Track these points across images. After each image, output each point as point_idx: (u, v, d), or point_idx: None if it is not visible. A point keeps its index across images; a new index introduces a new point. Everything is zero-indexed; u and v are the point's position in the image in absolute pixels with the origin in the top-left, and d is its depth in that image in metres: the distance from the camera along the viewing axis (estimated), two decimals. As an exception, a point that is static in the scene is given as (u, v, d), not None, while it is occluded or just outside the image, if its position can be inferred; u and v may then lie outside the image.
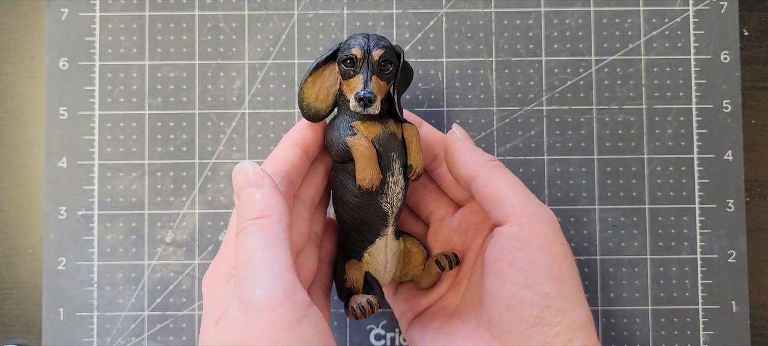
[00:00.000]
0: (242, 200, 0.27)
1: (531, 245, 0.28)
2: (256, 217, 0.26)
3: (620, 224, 0.38)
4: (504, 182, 0.30)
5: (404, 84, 0.32)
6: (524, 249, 0.28)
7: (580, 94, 0.39)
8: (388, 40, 0.30)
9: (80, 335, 0.37)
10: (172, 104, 0.39)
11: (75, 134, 0.38)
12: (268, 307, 0.23)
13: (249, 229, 0.26)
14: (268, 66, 0.39)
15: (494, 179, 0.30)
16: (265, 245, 0.25)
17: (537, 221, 0.29)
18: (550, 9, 0.39)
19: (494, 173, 0.30)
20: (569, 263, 0.29)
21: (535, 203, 0.30)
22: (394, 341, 0.38)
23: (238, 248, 0.26)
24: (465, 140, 0.32)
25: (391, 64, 0.29)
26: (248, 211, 0.26)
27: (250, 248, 0.25)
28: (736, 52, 0.39)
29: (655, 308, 0.38)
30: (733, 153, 0.38)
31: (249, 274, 0.24)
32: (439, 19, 0.39)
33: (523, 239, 0.29)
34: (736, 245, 0.38)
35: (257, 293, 0.24)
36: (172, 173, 0.38)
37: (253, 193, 0.27)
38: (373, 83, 0.29)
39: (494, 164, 0.31)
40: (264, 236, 0.25)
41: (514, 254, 0.28)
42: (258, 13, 0.39)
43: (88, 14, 0.39)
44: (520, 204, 0.29)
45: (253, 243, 0.25)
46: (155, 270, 0.38)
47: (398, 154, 0.30)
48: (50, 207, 0.38)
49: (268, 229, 0.26)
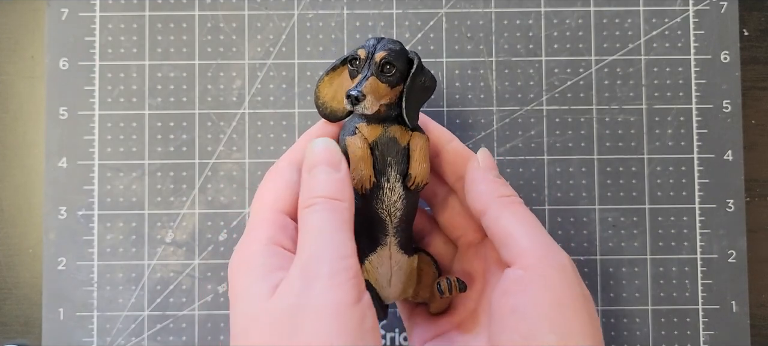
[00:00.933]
0: (316, 176, 0.27)
1: (535, 291, 0.26)
2: (331, 197, 0.27)
3: (620, 224, 0.38)
4: (514, 220, 0.28)
5: (421, 93, 0.31)
6: (527, 295, 0.26)
7: (580, 94, 0.39)
8: (401, 45, 0.30)
9: (80, 335, 0.38)
10: (172, 104, 0.39)
11: (75, 134, 0.38)
12: (334, 284, 0.24)
13: (322, 206, 0.26)
14: (268, 66, 0.39)
15: (505, 215, 0.28)
16: (336, 226, 0.26)
17: (544, 265, 0.27)
18: (550, 9, 0.39)
19: (505, 210, 0.29)
20: (582, 315, 0.26)
21: (545, 245, 0.27)
22: (394, 341, 0.38)
23: (307, 221, 0.26)
24: (486, 169, 0.30)
25: (394, 68, 0.29)
26: (322, 188, 0.27)
27: (321, 226, 0.26)
28: (736, 52, 0.39)
29: (655, 308, 0.38)
30: (733, 153, 0.38)
31: (318, 251, 0.25)
32: (439, 19, 0.39)
33: (526, 284, 0.26)
34: (736, 245, 0.38)
35: (324, 269, 0.24)
36: (172, 173, 0.38)
37: (330, 172, 0.27)
38: (369, 84, 0.28)
39: (508, 200, 0.29)
40: (337, 218, 0.26)
41: (517, 299, 0.26)
42: (258, 13, 0.39)
43: (88, 14, 0.39)
44: (529, 245, 0.27)
45: (323, 222, 0.26)
46: (155, 270, 0.38)
47: (396, 161, 0.30)
48: (50, 207, 0.38)
49: (340, 212, 0.26)
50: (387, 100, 0.30)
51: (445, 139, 0.32)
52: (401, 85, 0.30)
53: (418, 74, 0.30)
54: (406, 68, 0.30)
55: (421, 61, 0.30)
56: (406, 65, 0.30)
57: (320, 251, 0.25)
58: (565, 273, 0.27)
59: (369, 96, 0.28)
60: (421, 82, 0.30)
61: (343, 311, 0.23)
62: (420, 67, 0.30)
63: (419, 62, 0.30)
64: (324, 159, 0.28)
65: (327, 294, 0.24)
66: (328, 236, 0.26)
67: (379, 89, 0.29)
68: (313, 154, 0.28)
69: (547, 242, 0.28)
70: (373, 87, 0.29)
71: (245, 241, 0.28)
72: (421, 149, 0.30)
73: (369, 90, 0.28)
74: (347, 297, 0.24)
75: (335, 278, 0.24)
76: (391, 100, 0.30)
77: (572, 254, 0.38)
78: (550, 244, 0.28)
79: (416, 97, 0.30)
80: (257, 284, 0.25)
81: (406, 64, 0.30)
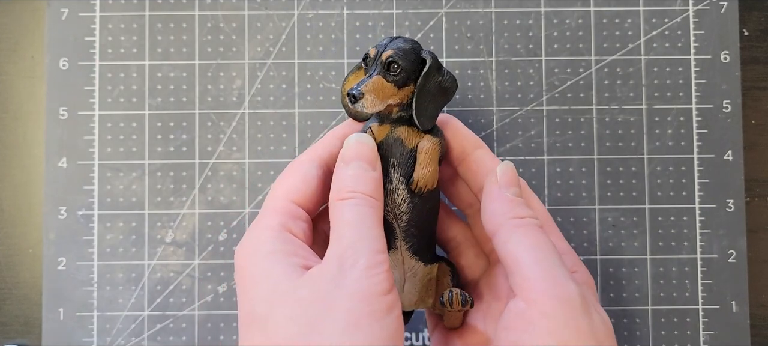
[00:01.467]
0: (354, 170, 0.28)
1: (536, 328, 0.24)
2: (368, 194, 0.27)
3: (620, 224, 0.38)
4: (523, 246, 0.26)
5: (437, 95, 0.30)
6: (528, 332, 0.25)
7: (580, 94, 0.39)
8: (412, 44, 0.29)
9: (80, 335, 0.38)
10: (172, 104, 0.39)
11: (75, 134, 0.38)
12: (370, 274, 0.24)
13: (361, 201, 0.27)
14: (268, 66, 0.39)
15: (514, 239, 0.27)
16: (374, 222, 0.26)
17: (548, 300, 0.25)
18: (550, 9, 0.39)
19: (516, 233, 0.27)
20: None
21: (553, 277, 0.25)
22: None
23: (346, 212, 0.27)
24: (503, 186, 0.28)
25: (399, 67, 0.28)
26: (361, 184, 0.27)
27: (360, 219, 0.26)
28: (736, 52, 0.39)
29: (655, 308, 0.38)
30: (733, 153, 0.38)
31: (357, 242, 0.25)
32: (439, 19, 0.39)
33: (528, 319, 0.25)
34: (736, 245, 0.38)
35: (362, 260, 0.25)
36: (172, 172, 0.38)
37: (367, 169, 0.28)
38: (371, 82, 0.28)
39: (520, 222, 0.27)
40: (374, 215, 0.27)
41: (518, 336, 0.25)
42: (258, 13, 0.39)
43: (88, 14, 0.39)
44: (535, 276, 0.25)
45: (362, 216, 0.26)
46: (155, 270, 0.38)
47: (400, 162, 0.29)
48: (50, 207, 0.38)
49: (376, 210, 0.27)
50: (396, 100, 0.29)
51: (471, 145, 0.31)
52: (412, 85, 0.29)
53: (432, 74, 0.29)
54: (418, 68, 0.29)
55: (437, 61, 0.29)
56: (416, 65, 0.29)
57: (359, 243, 0.25)
58: (571, 308, 0.25)
59: (368, 95, 0.28)
60: (436, 82, 0.29)
61: (374, 299, 0.24)
62: (433, 67, 0.29)
63: (432, 62, 0.29)
64: (362, 155, 0.28)
65: (362, 282, 0.24)
66: (367, 230, 0.26)
67: (383, 89, 0.28)
68: (350, 148, 0.28)
69: (555, 271, 0.25)
70: (376, 86, 0.28)
71: (256, 227, 0.28)
72: (426, 152, 0.29)
73: (369, 89, 0.28)
74: (380, 287, 0.24)
75: (372, 269, 0.25)
76: (402, 100, 0.29)
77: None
78: (559, 274, 0.25)
79: (430, 99, 0.29)
80: (280, 266, 0.26)
81: (416, 64, 0.29)
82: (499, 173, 0.29)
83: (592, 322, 0.25)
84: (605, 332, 0.25)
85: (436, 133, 0.30)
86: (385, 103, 0.29)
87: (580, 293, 0.25)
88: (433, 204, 0.30)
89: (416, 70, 0.29)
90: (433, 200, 0.30)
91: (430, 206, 0.30)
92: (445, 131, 0.31)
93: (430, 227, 0.31)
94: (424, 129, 0.30)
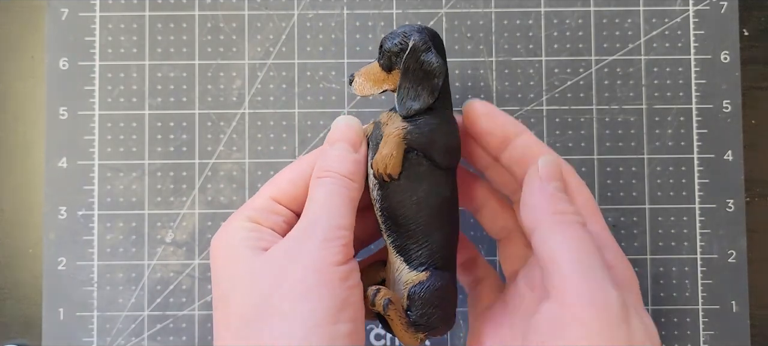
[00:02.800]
0: (334, 151, 0.28)
1: (567, 333, 0.23)
2: (343, 174, 0.27)
3: (620, 224, 0.38)
4: (563, 244, 0.24)
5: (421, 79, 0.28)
6: (559, 337, 0.23)
7: (580, 94, 0.39)
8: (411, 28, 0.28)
9: (80, 335, 0.38)
10: (172, 104, 0.39)
11: (75, 134, 0.38)
12: (324, 246, 0.25)
13: (333, 180, 0.27)
14: (268, 66, 0.39)
15: (554, 237, 0.25)
16: (341, 200, 0.27)
17: (583, 305, 0.23)
18: (550, 9, 0.39)
19: (556, 229, 0.25)
20: None
21: (591, 278, 0.23)
22: (394, 341, 0.38)
23: (316, 191, 0.27)
24: (544, 179, 0.26)
25: (382, 49, 0.28)
26: (337, 164, 0.28)
27: (327, 197, 0.27)
28: (736, 52, 0.39)
29: (655, 308, 0.38)
30: (733, 153, 0.38)
31: (318, 217, 0.26)
32: (439, 19, 0.39)
33: (560, 323, 0.23)
34: (736, 245, 0.38)
35: (319, 233, 0.26)
36: (172, 173, 0.38)
37: (349, 151, 0.28)
38: (368, 67, 0.29)
39: (562, 219, 0.25)
40: (344, 194, 0.27)
41: (547, 339, 0.24)
42: (258, 13, 0.39)
43: (88, 14, 0.39)
44: (571, 278, 0.24)
45: (330, 194, 0.27)
46: (155, 270, 0.38)
47: (371, 147, 0.29)
48: (50, 207, 0.38)
49: (349, 189, 0.27)
50: (390, 85, 0.29)
51: (513, 131, 0.29)
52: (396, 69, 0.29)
53: (412, 57, 0.28)
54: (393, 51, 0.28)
55: (427, 43, 0.28)
56: (401, 48, 0.28)
57: (320, 218, 0.26)
58: (607, 315, 0.23)
59: (358, 78, 0.29)
60: (418, 65, 0.28)
61: (327, 269, 0.25)
62: (416, 49, 0.28)
63: (414, 44, 0.28)
64: (343, 136, 0.28)
65: (315, 253, 0.25)
66: (333, 207, 0.27)
67: (374, 73, 0.29)
68: (336, 131, 0.29)
69: (594, 275, 0.24)
70: (368, 70, 0.29)
71: (229, 220, 0.29)
72: (388, 136, 0.28)
73: (361, 72, 0.29)
74: (334, 258, 0.25)
75: (327, 242, 0.25)
76: (393, 86, 0.29)
77: None
78: (598, 277, 0.24)
79: (412, 83, 0.28)
80: (241, 251, 0.26)
81: (401, 47, 0.28)
82: (541, 165, 0.27)
83: (631, 331, 0.23)
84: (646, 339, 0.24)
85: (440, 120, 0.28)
86: (379, 87, 0.29)
87: (620, 299, 0.23)
88: (420, 197, 0.28)
89: (401, 53, 0.28)
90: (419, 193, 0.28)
91: (416, 200, 0.28)
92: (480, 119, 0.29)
93: (416, 224, 0.28)
94: (402, 114, 0.28)
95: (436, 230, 0.28)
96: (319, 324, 0.23)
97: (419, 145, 0.28)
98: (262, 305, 0.24)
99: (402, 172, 0.28)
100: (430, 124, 0.28)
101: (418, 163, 0.28)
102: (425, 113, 0.28)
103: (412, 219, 0.28)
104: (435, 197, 0.28)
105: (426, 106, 0.28)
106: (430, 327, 0.28)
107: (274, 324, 0.24)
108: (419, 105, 0.28)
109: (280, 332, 0.23)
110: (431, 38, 0.28)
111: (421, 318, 0.27)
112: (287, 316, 0.24)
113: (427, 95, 0.28)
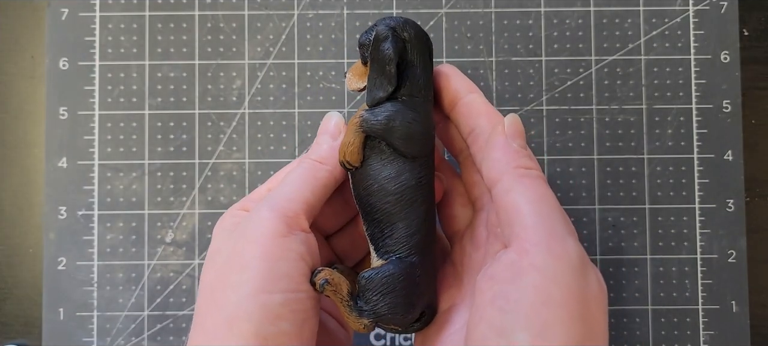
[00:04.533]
0: (315, 142, 0.30)
1: (523, 280, 0.23)
2: (315, 158, 0.29)
3: (620, 224, 0.38)
4: (526, 197, 0.25)
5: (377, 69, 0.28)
6: (514, 283, 0.23)
7: (580, 94, 0.39)
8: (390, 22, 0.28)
9: (80, 335, 0.37)
10: (172, 104, 0.39)
11: (75, 134, 0.38)
12: (266, 219, 0.26)
13: (302, 162, 0.29)
14: (268, 66, 0.39)
15: (516, 188, 0.25)
16: (302, 178, 0.28)
17: (542, 253, 0.23)
18: (550, 9, 0.39)
19: (519, 183, 0.25)
20: (571, 317, 0.22)
21: (552, 230, 0.24)
22: (394, 341, 0.38)
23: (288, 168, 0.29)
24: (510, 136, 0.27)
25: (359, 43, 0.29)
26: (313, 152, 0.29)
27: (293, 177, 0.28)
28: (736, 52, 0.39)
29: (655, 308, 0.38)
30: (733, 153, 0.38)
31: (274, 194, 0.27)
32: (439, 19, 0.39)
33: (516, 270, 0.23)
34: (736, 245, 0.38)
35: (265, 207, 0.26)
36: (172, 172, 0.38)
37: (328, 140, 0.29)
38: (356, 63, 0.30)
39: (525, 172, 0.26)
40: (309, 175, 0.28)
41: (501, 287, 0.23)
42: (258, 13, 0.39)
43: (88, 14, 0.39)
44: (532, 227, 0.24)
45: (295, 173, 0.28)
46: (155, 270, 0.38)
47: None
48: (50, 207, 0.38)
49: (314, 170, 0.28)
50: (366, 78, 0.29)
51: (464, 90, 0.29)
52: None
53: (374, 47, 0.28)
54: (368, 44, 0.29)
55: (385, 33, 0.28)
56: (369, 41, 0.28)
57: (274, 194, 0.27)
58: (565, 265, 0.23)
59: (348, 73, 0.30)
60: (377, 54, 0.28)
61: (267, 241, 0.26)
62: (375, 39, 0.28)
63: (376, 34, 0.28)
64: (325, 129, 0.30)
65: (258, 226, 0.26)
66: (288, 184, 0.28)
67: (358, 67, 0.30)
68: (321, 126, 0.30)
69: (556, 226, 0.24)
70: (355, 66, 0.30)
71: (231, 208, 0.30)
72: (349, 124, 0.28)
73: (351, 68, 0.30)
74: (275, 229, 0.26)
75: (272, 214, 0.26)
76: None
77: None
78: (560, 229, 0.24)
79: (376, 72, 0.28)
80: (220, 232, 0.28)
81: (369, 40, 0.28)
82: (506, 123, 0.27)
83: (587, 285, 0.23)
84: (598, 296, 0.24)
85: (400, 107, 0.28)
86: (363, 81, 0.29)
87: (578, 251, 0.23)
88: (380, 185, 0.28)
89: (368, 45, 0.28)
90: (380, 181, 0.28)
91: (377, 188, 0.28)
92: (440, 79, 0.30)
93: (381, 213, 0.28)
94: (367, 103, 0.28)
95: (400, 219, 0.28)
96: (252, 293, 0.25)
97: (375, 131, 0.28)
98: (217, 278, 0.26)
99: (367, 160, 0.28)
100: (389, 110, 0.28)
101: (381, 151, 0.28)
102: (389, 101, 0.28)
103: (377, 207, 0.28)
104: (396, 185, 0.28)
105: (387, 95, 0.28)
106: (376, 315, 0.27)
107: (222, 293, 0.25)
108: (381, 93, 0.28)
109: (224, 300, 0.25)
110: (401, 29, 0.28)
111: (367, 304, 0.27)
112: (231, 285, 0.25)
113: (386, 83, 0.28)
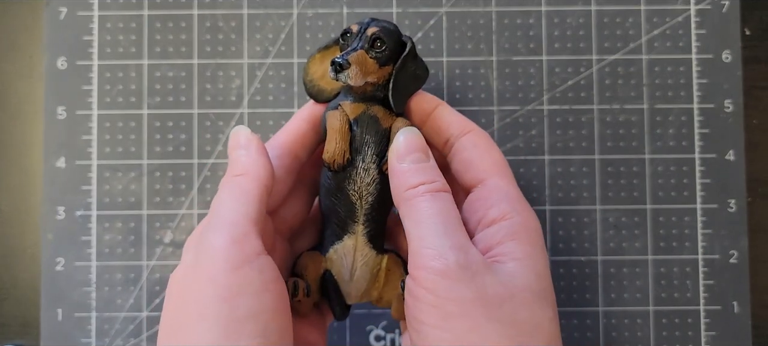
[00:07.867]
0: (230, 160, 0.28)
1: (422, 303, 0.25)
2: (236, 174, 0.27)
3: (621, 225, 0.38)
4: (411, 221, 0.26)
5: (411, 81, 0.30)
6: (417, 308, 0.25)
7: (581, 94, 0.39)
8: (396, 27, 0.29)
9: (78, 335, 0.37)
10: (170, 104, 0.38)
11: (73, 134, 0.38)
12: (217, 249, 0.25)
13: (226, 184, 0.27)
14: (267, 65, 0.39)
15: (406, 215, 0.27)
16: (234, 197, 0.26)
17: (427, 274, 0.24)
18: (551, 8, 0.39)
19: (406, 207, 0.27)
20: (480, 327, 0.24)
21: (431, 249, 0.25)
22: (394, 341, 0.38)
23: (213, 201, 0.27)
24: (401, 157, 0.28)
25: (384, 44, 0.28)
26: (231, 169, 0.28)
27: (220, 200, 0.27)
28: (738, 52, 0.38)
29: (657, 309, 0.38)
30: (735, 153, 0.38)
31: (211, 222, 0.26)
32: (440, 18, 0.39)
33: (415, 295, 0.25)
34: (737, 246, 0.38)
35: (211, 239, 0.25)
36: (170, 173, 0.38)
37: (241, 153, 0.28)
38: (356, 56, 0.28)
39: (410, 194, 0.27)
40: (235, 190, 0.27)
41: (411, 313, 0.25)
42: (257, 13, 0.39)
43: (87, 13, 0.39)
44: (415, 251, 0.25)
45: (224, 196, 0.27)
46: (154, 271, 0.38)
47: (375, 141, 0.29)
48: (48, 207, 0.38)
49: (241, 184, 0.27)
50: (374, 78, 0.29)
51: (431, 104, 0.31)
52: (391, 66, 0.29)
53: (410, 59, 0.29)
54: (398, 50, 0.29)
55: (415, 48, 0.30)
56: (398, 47, 0.29)
57: (213, 223, 0.26)
58: (448, 280, 0.24)
59: (354, 66, 0.27)
60: (412, 69, 0.30)
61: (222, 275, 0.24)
62: (413, 52, 0.29)
63: (412, 47, 0.29)
64: (235, 145, 0.29)
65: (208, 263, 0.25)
66: (224, 208, 0.26)
67: (366, 64, 0.28)
68: (228, 145, 0.29)
69: (434, 242, 0.25)
70: (360, 60, 0.28)
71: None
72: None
73: (355, 61, 0.27)
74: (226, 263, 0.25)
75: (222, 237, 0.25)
76: (378, 80, 0.29)
77: (573, 254, 0.38)
78: (437, 245, 0.25)
79: (405, 84, 0.29)
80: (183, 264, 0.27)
81: (398, 46, 0.29)
82: (393, 144, 0.28)
83: (477, 288, 0.24)
84: (502, 291, 0.24)
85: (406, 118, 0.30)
86: (364, 79, 0.28)
87: (458, 261, 0.24)
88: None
89: (397, 52, 0.29)
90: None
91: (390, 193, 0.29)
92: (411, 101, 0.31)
93: (386, 215, 0.30)
94: (397, 111, 0.29)
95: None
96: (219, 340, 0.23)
97: None
98: (170, 332, 0.25)
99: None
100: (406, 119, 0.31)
101: None
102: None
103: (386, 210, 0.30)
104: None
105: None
106: None
107: (181, 340, 0.24)
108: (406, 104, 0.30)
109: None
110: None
111: None
112: (190, 335, 0.24)
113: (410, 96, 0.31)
